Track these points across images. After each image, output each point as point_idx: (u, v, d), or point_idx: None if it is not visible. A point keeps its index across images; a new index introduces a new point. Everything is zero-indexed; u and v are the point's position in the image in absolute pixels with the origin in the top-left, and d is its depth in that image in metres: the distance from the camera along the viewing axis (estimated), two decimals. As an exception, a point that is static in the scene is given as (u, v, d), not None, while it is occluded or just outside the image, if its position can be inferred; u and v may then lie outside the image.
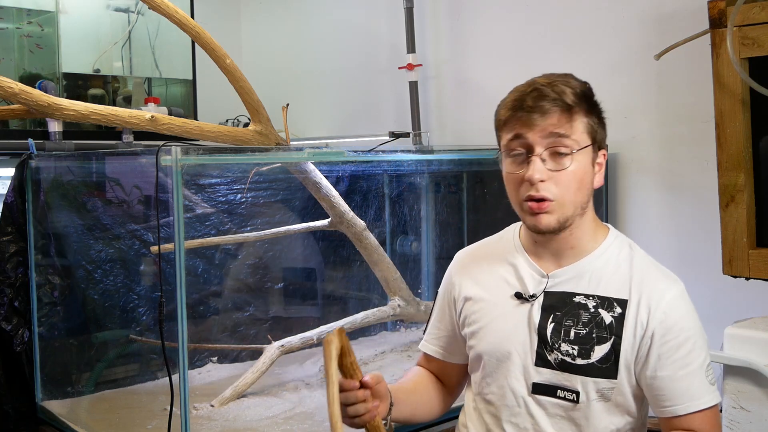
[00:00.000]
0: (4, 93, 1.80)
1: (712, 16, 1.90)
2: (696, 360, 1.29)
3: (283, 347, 2.46)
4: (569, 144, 1.28)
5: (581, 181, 1.30)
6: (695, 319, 1.32)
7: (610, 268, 1.34)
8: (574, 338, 1.31)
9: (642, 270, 1.34)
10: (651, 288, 1.31)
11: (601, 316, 1.31)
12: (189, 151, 1.81)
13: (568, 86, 1.29)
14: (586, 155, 1.30)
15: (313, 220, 2.65)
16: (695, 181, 2.30)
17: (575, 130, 1.28)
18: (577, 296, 1.33)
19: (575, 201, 1.30)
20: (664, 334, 1.28)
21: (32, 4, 2.93)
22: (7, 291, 2.30)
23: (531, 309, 1.35)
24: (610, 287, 1.32)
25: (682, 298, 1.32)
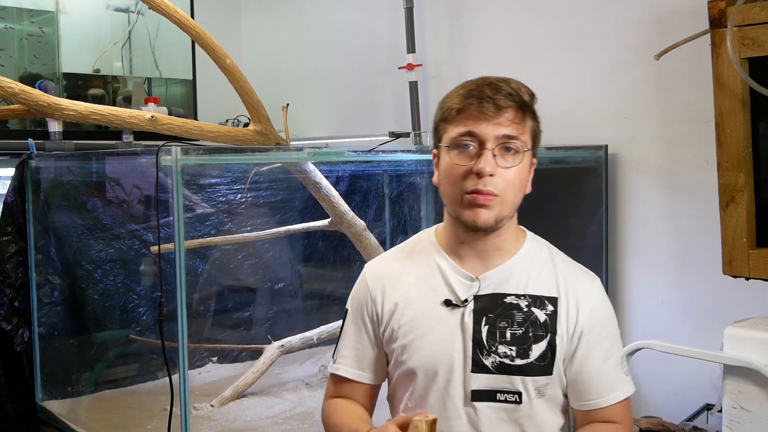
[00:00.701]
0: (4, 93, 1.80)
1: (712, 16, 1.90)
2: (615, 353, 1.35)
3: (283, 347, 2.46)
4: (520, 143, 1.28)
5: (522, 181, 1.32)
6: (613, 312, 1.39)
7: (536, 267, 1.36)
8: (511, 339, 1.30)
9: (565, 268, 1.38)
10: (576, 285, 1.36)
11: (535, 315, 1.32)
12: (189, 151, 1.81)
13: (522, 86, 1.30)
14: (528, 158, 1.32)
15: (313, 220, 2.65)
16: (695, 181, 2.30)
17: (525, 130, 1.30)
18: (508, 297, 1.33)
19: (514, 201, 1.31)
20: (591, 329, 1.33)
21: (32, 4, 2.93)
22: (7, 291, 2.30)
23: (463, 315, 1.31)
24: (539, 286, 1.34)
25: (602, 293, 1.38)
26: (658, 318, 2.38)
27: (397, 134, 2.95)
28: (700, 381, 2.15)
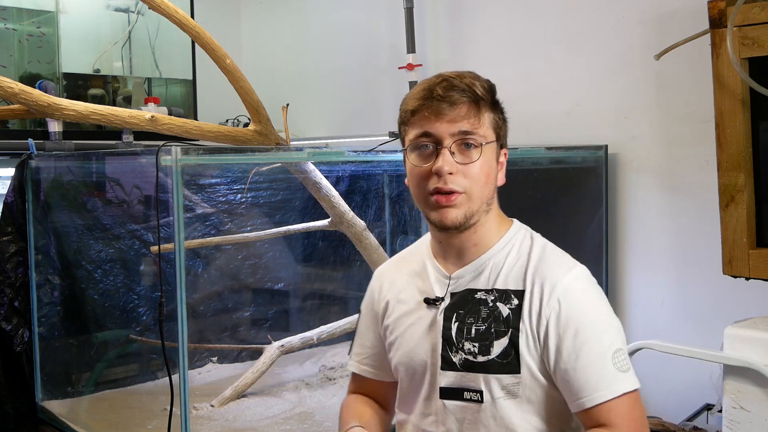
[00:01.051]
0: (4, 93, 1.80)
1: (712, 16, 1.90)
2: (599, 346, 1.21)
3: (283, 347, 2.46)
4: (477, 137, 1.26)
5: (488, 175, 1.28)
6: (597, 302, 1.26)
7: (510, 260, 1.30)
8: (475, 335, 1.27)
9: (538, 258, 1.29)
10: (544, 275, 1.26)
11: (499, 310, 1.26)
12: (189, 151, 1.81)
13: (476, 80, 1.28)
14: (491, 150, 1.29)
15: (313, 220, 2.65)
16: (695, 181, 2.30)
17: (482, 123, 1.27)
18: (478, 292, 1.29)
19: (482, 195, 1.27)
20: (562, 322, 1.22)
21: (32, 4, 2.93)
22: (7, 291, 2.30)
23: (437, 312, 1.32)
24: (509, 280, 1.28)
25: (578, 281, 1.26)
26: (658, 318, 2.38)
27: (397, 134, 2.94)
28: (700, 381, 2.15)
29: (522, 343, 1.24)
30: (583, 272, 1.28)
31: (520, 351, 1.24)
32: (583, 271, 1.28)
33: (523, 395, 1.24)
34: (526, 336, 1.24)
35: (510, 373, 1.24)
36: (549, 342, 1.22)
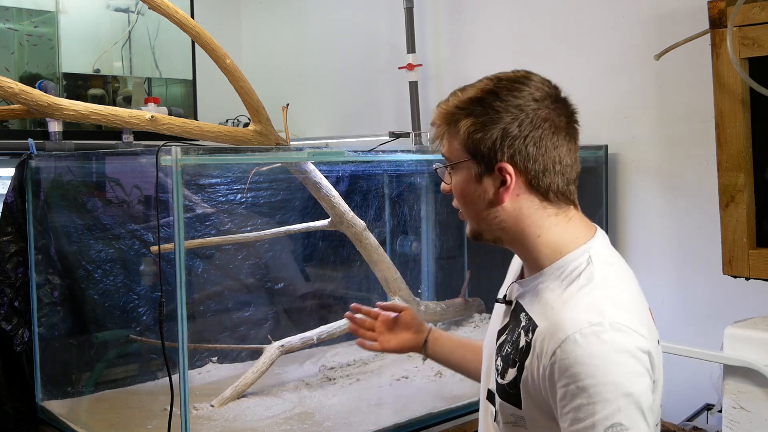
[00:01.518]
0: (4, 93, 1.80)
1: (712, 16, 1.90)
2: (592, 416, 1.03)
3: (283, 347, 2.46)
4: (445, 159, 1.23)
5: (463, 197, 1.22)
6: (602, 368, 1.04)
7: (550, 289, 1.17)
8: (504, 355, 1.21)
9: (568, 298, 1.13)
10: (558, 320, 1.10)
11: (521, 339, 1.17)
12: (189, 151, 1.81)
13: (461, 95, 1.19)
14: (462, 172, 1.20)
15: (313, 220, 2.65)
16: (695, 181, 2.30)
17: (450, 143, 1.20)
18: (522, 312, 1.20)
19: (472, 216, 1.23)
20: (557, 378, 1.07)
21: (32, 4, 2.93)
22: (7, 291, 2.30)
23: (503, 314, 1.28)
24: (539, 310, 1.16)
25: (588, 339, 1.05)
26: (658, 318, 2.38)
27: (397, 134, 2.95)
28: (700, 381, 2.16)
29: (523, 381, 1.15)
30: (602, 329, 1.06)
31: (521, 387, 1.16)
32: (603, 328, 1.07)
33: (533, 426, 1.17)
34: (527, 375, 1.14)
35: (514, 405, 1.18)
36: (548, 394, 1.11)
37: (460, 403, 2.31)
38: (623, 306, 1.11)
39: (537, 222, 1.19)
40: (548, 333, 1.10)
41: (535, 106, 1.16)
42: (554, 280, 1.17)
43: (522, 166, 1.16)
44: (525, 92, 1.17)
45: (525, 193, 1.18)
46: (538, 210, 1.19)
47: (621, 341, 1.06)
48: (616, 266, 1.20)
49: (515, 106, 1.15)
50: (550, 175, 1.17)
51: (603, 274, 1.16)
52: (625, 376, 1.05)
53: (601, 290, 1.13)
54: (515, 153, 1.15)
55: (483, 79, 1.21)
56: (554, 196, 1.19)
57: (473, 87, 1.20)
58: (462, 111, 1.18)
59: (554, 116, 1.18)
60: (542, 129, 1.16)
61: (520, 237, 1.21)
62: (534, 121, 1.16)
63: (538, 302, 1.17)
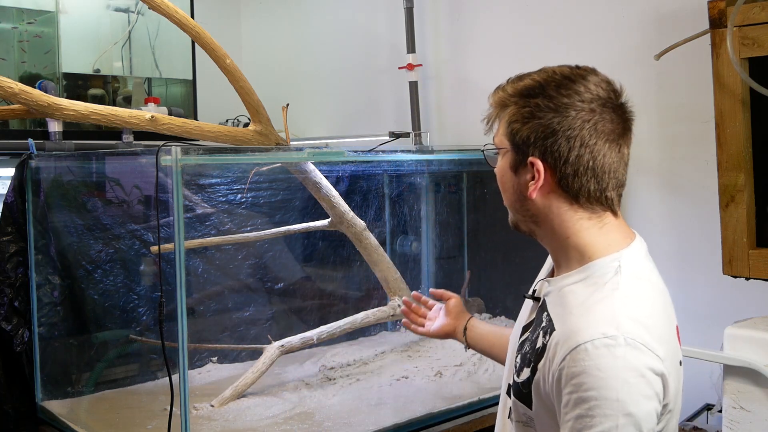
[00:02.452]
0: (4, 93, 1.80)
1: (712, 16, 1.90)
2: (587, 429, 1.02)
3: (283, 347, 2.46)
4: (494, 143, 1.24)
5: (502, 183, 1.24)
6: (607, 383, 1.02)
7: (574, 293, 1.14)
8: (522, 353, 1.21)
9: (589, 306, 1.10)
10: (573, 327, 1.08)
11: (539, 339, 1.16)
12: (189, 151, 1.81)
13: (516, 82, 1.20)
14: (503, 160, 1.22)
15: (313, 220, 2.65)
16: (695, 181, 2.30)
17: (498, 130, 1.22)
18: (545, 312, 1.19)
19: (509, 204, 1.24)
20: (564, 384, 1.05)
21: (32, 4, 2.93)
22: (7, 291, 2.30)
23: (530, 310, 1.28)
24: (559, 314, 1.14)
25: (597, 351, 1.03)
26: (658, 318, 2.38)
27: (397, 134, 2.95)
28: (700, 381, 2.15)
29: (535, 382, 1.14)
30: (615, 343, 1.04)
31: (532, 389, 1.14)
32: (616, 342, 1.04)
33: (541, 429, 1.16)
34: (538, 377, 1.13)
35: (525, 404, 1.17)
36: (555, 398, 1.09)
37: (460, 403, 2.31)
38: (643, 323, 1.08)
39: (566, 223, 1.18)
40: (562, 338, 1.09)
41: (579, 107, 1.14)
42: (579, 285, 1.15)
43: (552, 164, 1.15)
44: (573, 91, 1.15)
45: (554, 192, 1.17)
46: (567, 211, 1.17)
47: (633, 359, 1.04)
48: (645, 281, 1.17)
49: (561, 104, 1.14)
50: (581, 179, 1.15)
51: (629, 286, 1.13)
52: (630, 396, 1.02)
53: (622, 303, 1.10)
54: (547, 151, 1.14)
55: (540, 70, 1.19)
56: (585, 201, 1.16)
57: (529, 76, 1.19)
58: (511, 99, 1.18)
59: (598, 120, 1.15)
60: (580, 131, 1.14)
61: (549, 234, 1.21)
62: (573, 122, 1.13)
63: (560, 304, 1.15)
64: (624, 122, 1.22)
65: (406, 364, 2.67)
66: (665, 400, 1.08)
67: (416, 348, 2.85)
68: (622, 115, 1.21)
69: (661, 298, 1.20)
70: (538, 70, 1.20)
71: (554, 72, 1.18)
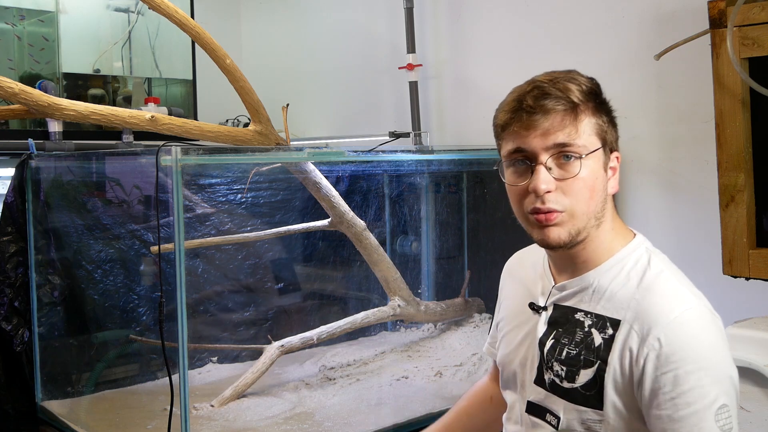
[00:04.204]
0: (4, 93, 1.80)
1: (712, 16, 1.90)
2: (702, 399, 1.05)
3: (283, 347, 2.46)
4: (577, 148, 1.14)
5: (593, 188, 1.15)
6: (709, 349, 1.07)
7: (617, 283, 1.17)
8: (565, 358, 1.18)
9: (649, 287, 1.14)
10: (649, 308, 1.11)
11: (592, 337, 1.15)
12: (189, 151, 1.81)
13: (573, 82, 1.16)
14: (596, 160, 1.16)
15: (313, 220, 2.65)
16: (695, 181, 2.30)
17: (582, 132, 1.14)
18: (578, 312, 1.19)
19: (588, 211, 1.15)
20: (661, 363, 1.07)
21: (32, 4, 2.93)
22: (7, 291, 2.30)
23: (539, 322, 1.25)
24: (610, 306, 1.15)
25: (689, 322, 1.08)
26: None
27: (397, 134, 2.95)
28: (700, 381, 2.15)
29: (608, 378, 1.12)
30: (698, 312, 1.11)
31: (605, 386, 1.12)
32: (699, 311, 1.11)
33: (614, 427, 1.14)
34: (614, 371, 1.12)
35: (592, 407, 1.14)
36: (644, 383, 1.09)
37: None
38: (696, 292, 1.16)
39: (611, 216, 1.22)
40: (643, 323, 1.10)
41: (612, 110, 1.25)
42: (616, 275, 1.18)
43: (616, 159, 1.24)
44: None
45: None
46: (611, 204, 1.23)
47: (714, 324, 1.11)
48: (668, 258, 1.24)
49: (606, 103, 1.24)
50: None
51: (667, 263, 1.20)
52: (726, 357, 1.09)
53: (675, 278, 1.16)
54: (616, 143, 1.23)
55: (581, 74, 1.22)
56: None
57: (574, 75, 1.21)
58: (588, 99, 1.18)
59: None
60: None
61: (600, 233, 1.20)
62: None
63: (604, 299, 1.16)
64: None
65: (406, 364, 2.67)
66: None
67: (416, 348, 2.85)
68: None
69: None
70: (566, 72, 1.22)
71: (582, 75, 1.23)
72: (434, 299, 3.01)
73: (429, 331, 3.00)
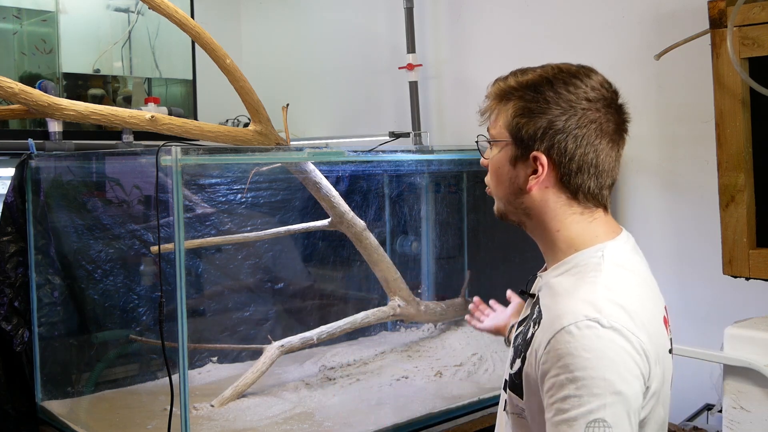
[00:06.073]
0: (4, 93, 1.80)
1: (712, 16, 1.90)
2: (576, 409, 1.03)
3: (283, 347, 2.46)
4: (490, 134, 1.24)
5: (498, 176, 1.23)
6: (593, 362, 1.03)
7: (562, 283, 1.16)
8: (515, 345, 1.22)
9: (568, 290, 1.13)
10: (555, 312, 1.11)
11: (529, 329, 1.18)
12: (189, 151, 1.81)
13: (521, 75, 1.20)
14: (502, 151, 1.21)
15: (313, 220, 2.65)
16: (695, 181, 2.30)
17: (499, 120, 1.21)
18: (538, 304, 1.20)
19: (501, 195, 1.25)
20: (548, 368, 1.07)
21: (32, 4, 2.93)
22: (7, 291, 2.30)
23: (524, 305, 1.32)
24: (549, 303, 1.15)
25: (579, 333, 1.05)
26: (658, 318, 2.38)
27: (397, 134, 2.95)
28: (700, 381, 2.15)
29: (525, 372, 1.15)
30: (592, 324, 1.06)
31: (524, 378, 1.16)
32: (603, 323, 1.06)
33: (532, 420, 1.16)
34: (529, 366, 1.14)
35: (518, 395, 1.18)
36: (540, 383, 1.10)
37: (460, 403, 2.31)
38: (623, 308, 1.10)
39: (559, 217, 1.20)
40: (546, 324, 1.11)
41: (586, 106, 1.16)
42: (567, 275, 1.18)
43: (557, 160, 1.16)
44: (580, 89, 1.16)
45: (554, 187, 1.19)
46: (563, 206, 1.20)
47: (618, 339, 1.06)
48: (628, 270, 1.19)
49: (567, 100, 1.15)
50: (582, 176, 1.17)
51: (611, 274, 1.15)
52: (618, 374, 1.04)
53: (604, 288, 1.12)
54: (553, 146, 1.16)
55: (545, 66, 1.20)
56: (583, 197, 1.19)
57: (533, 71, 1.20)
58: (515, 92, 1.18)
59: (603, 120, 1.18)
60: (587, 130, 1.16)
61: (540, 227, 1.22)
62: (581, 120, 1.15)
63: (549, 296, 1.17)
64: (623, 123, 1.23)
65: (406, 364, 2.67)
66: (648, 382, 1.10)
67: (416, 348, 2.85)
68: (621, 116, 1.22)
69: (645, 289, 1.21)
70: (542, 66, 1.21)
71: (560, 69, 1.19)
72: (434, 299, 3.01)
73: (429, 331, 3.00)
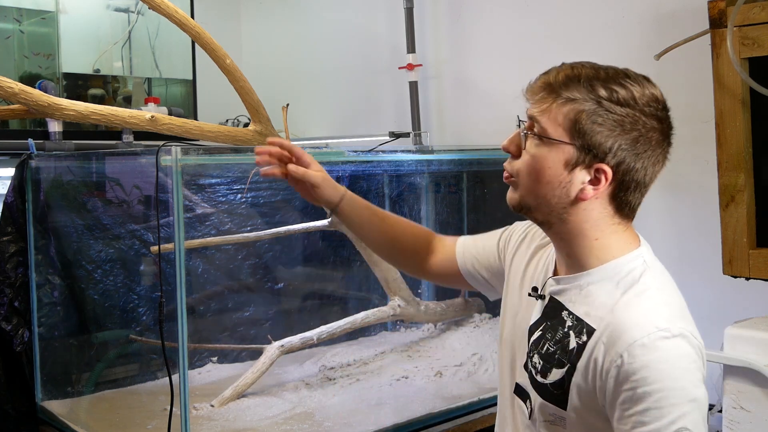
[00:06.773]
0: (4, 93, 1.80)
1: (712, 16, 1.90)
2: (657, 420, 1.03)
3: (283, 347, 2.46)
4: (538, 127, 1.14)
5: (538, 173, 1.14)
6: (671, 373, 1.05)
7: (605, 291, 1.15)
8: (544, 353, 1.19)
9: (628, 302, 1.12)
10: (620, 324, 1.09)
11: (569, 339, 1.15)
12: (189, 151, 1.81)
13: (573, 69, 1.15)
14: (554, 150, 1.13)
15: (313, 220, 2.65)
16: (695, 181, 2.30)
17: (551, 116, 1.13)
18: (564, 311, 1.19)
19: (532, 189, 1.16)
20: (621, 381, 1.07)
21: (32, 4, 2.93)
22: (7, 291, 2.30)
23: (535, 308, 1.26)
24: (592, 312, 1.14)
25: (654, 344, 1.06)
26: (658, 318, 2.38)
27: (397, 134, 2.95)
28: (700, 381, 2.15)
29: (574, 383, 1.14)
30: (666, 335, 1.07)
31: (571, 390, 1.14)
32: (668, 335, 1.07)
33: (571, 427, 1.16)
34: (580, 378, 1.13)
35: (557, 405, 1.17)
36: (607, 394, 1.09)
37: (460, 403, 2.31)
38: (682, 314, 1.13)
39: (601, 227, 1.18)
40: (611, 336, 1.10)
41: (656, 126, 1.17)
42: (607, 282, 1.16)
43: (620, 176, 1.14)
44: (653, 107, 1.17)
45: (604, 199, 1.17)
46: (606, 217, 1.18)
47: (686, 348, 1.08)
48: (668, 275, 1.23)
49: (646, 114, 1.15)
50: (634, 194, 1.18)
51: (660, 280, 1.18)
52: (691, 382, 1.07)
53: (661, 297, 1.14)
54: (622, 162, 1.14)
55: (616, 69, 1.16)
56: (628, 212, 1.20)
57: (605, 70, 1.15)
58: (587, 92, 1.12)
59: (664, 142, 1.20)
60: (653, 151, 1.17)
61: (574, 234, 1.18)
62: (651, 141, 1.17)
63: (589, 303, 1.16)
64: (671, 144, 1.25)
65: (406, 364, 2.67)
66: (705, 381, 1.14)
67: (416, 348, 2.85)
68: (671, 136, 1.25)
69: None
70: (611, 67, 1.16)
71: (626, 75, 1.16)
72: (434, 299, 3.01)
73: (429, 331, 3.00)
